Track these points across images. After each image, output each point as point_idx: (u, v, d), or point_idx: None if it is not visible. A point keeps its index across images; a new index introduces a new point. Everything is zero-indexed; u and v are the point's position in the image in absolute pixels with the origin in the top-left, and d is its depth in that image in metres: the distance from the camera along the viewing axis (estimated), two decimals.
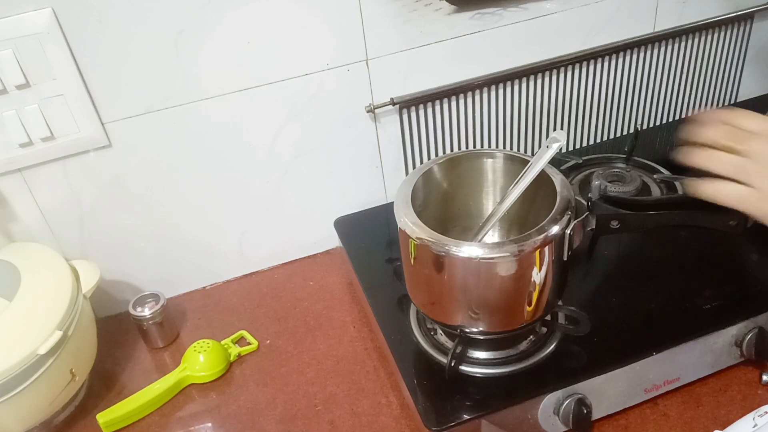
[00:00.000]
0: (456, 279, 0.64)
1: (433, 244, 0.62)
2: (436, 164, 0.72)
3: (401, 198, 0.67)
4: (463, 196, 0.76)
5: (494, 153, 0.74)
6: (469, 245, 0.61)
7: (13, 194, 0.79)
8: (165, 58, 0.77)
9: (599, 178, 0.91)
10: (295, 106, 0.86)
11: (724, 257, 0.80)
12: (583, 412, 0.66)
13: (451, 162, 0.74)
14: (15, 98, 0.73)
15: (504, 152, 0.73)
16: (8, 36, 0.69)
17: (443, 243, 0.62)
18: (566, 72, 0.98)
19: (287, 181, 0.91)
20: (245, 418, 0.76)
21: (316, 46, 0.83)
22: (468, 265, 0.62)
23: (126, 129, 0.80)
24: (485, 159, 0.74)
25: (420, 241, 0.63)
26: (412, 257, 0.66)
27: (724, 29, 1.05)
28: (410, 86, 0.89)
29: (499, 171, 0.74)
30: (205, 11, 0.76)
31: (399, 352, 0.73)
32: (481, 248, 0.61)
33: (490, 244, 0.63)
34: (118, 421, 0.75)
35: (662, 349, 0.68)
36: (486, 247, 0.62)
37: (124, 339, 0.87)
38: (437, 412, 0.65)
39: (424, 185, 0.71)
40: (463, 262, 0.62)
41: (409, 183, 0.69)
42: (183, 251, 0.91)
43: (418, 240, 0.63)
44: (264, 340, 0.85)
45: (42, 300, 0.72)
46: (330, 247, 0.99)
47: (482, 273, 0.63)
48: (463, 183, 0.75)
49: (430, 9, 0.85)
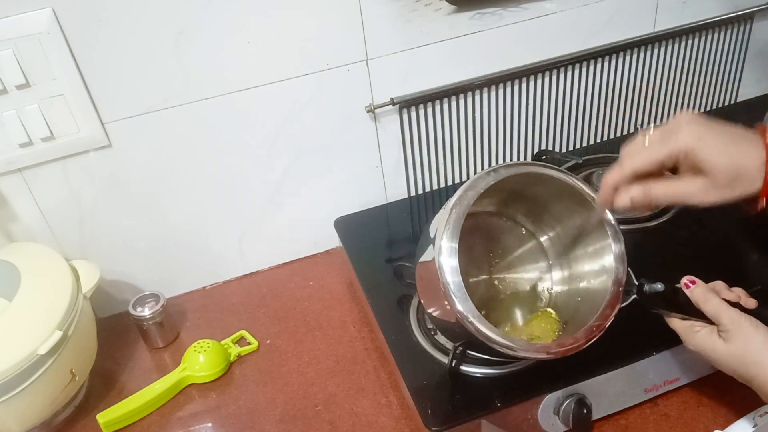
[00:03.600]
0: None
1: (470, 324, 0.59)
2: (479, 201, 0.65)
3: (449, 234, 0.61)
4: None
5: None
6: (509, 341, 0.60)
7: (13, 194, 0.79)
8: (165, 58, 0.77)
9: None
10: (295, 106, 0.86)
11: (724, 257, 0.80)
12: (583, 412, 0.66)
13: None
14: (15, 98, 0.73)
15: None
16: (8, 36, 0.69)
17: (482, 330, 0.59)
18: (566, 72, 0.98)
19: (287, 181, 0.91)
20: (245, 418, 0.76)
21: (316, 46, 0.83)
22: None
23: (126, 129, 0.80)
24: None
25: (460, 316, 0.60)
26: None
27: (724, 29, 1.05)
28: (410, 86, 0.89)
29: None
30: (204, 11, 0.76)
31: (399, 352, 0.73)
32: (521, 348, 0.60)
33: (529, 345, 0.62)
34: (118, 421, 0.75)
35: (662, 349, 0.68)
36: (525, 349, 0.60)
37: (124, 339, 0.87)
38: (437, 412, 0.65)
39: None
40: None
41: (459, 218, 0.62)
42: (183, 251, 0.91)
43: (459, 314, 0.59)
44: (264, 340, 0.85)
45: (42, 300, 0.72)
46: (330, 247, 0.99)
47: None
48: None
49: (430, 9, 0.85)
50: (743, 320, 0.59)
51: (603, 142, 1.07)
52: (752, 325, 0.59)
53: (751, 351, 0.58)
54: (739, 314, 0.59)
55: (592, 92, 1.02)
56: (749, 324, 0.59)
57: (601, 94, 1.03)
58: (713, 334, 0.61)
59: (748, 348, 0.58)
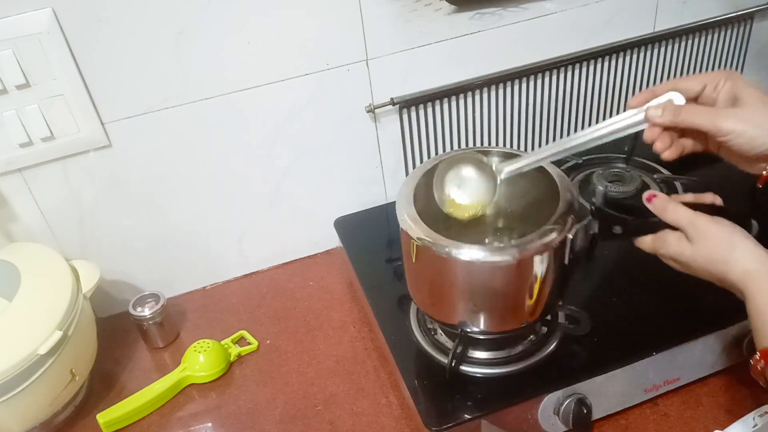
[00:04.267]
0: (457, 280, 0.64)
1: (434, 245, 0.62)
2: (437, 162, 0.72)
3: (403, 197, 0.67)
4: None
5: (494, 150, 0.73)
6: (469, 248, 0.61)
7: (13, 194, 0.79)
8: (165, 58, 0.77)
9: (599, 179, 0.91)
10: (295, 106, 0.86)
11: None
12: (583, 412, 0.66)
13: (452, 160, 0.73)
14: (15, 98, 0.73)
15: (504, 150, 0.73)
16: (8, 36, 0.69)
17: (444, 245, 0.62)
18: (566, 72, 0.98)
19: (287, 181, 0.91)
20: (245, 418, 0.76)
21: (316, 46, 0.83)
22: (469, 267, 0.62)
23: (126, 129, 0.80)
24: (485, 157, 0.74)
25: (421, 242, 0.63)
26: (413, 257, 0.66)
27: (724, 29, 1.05)
28: (410, 86, 0.89)
29: None
30: (204, 11, 0.76)
31: (399, 352, 0.73)
32: (483, 251, 0.61)
33: (491, 247, 0.63)
34: (118, 421, 0.75)
35: (662, 349, 0.68)
36: (487, 250, 0.62)
37: (124, 339, 0.87)
38: (437, 412, 0.65)
39: (425, 184, 0.70)
40: (464, 264, 0.62)
41: (411, 182, 0.69)
42: (183, 251, 0.91)
43: (419, 240, 0.63)
44: (264, 340, 0.85)
45: (42, 300, 0.72)
46: (330, 247, 0.99)
47: (483, 275, 0.63)
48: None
49: (430, 9, 0.85)
50: (702, 220, 0.57)
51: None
52: (714, 224, 0.57)
53: (716, 249, 0.57)
54: (697, 215, 0.58)
55: (592, 92, 1.02)
56: (711, 223, 0.57)
57: (601, 94, 1.03)
58: (681, 240, 0.59)
59: (713, 246, 0.57)
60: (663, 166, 0.95)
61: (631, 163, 0.97)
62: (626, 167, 0.94)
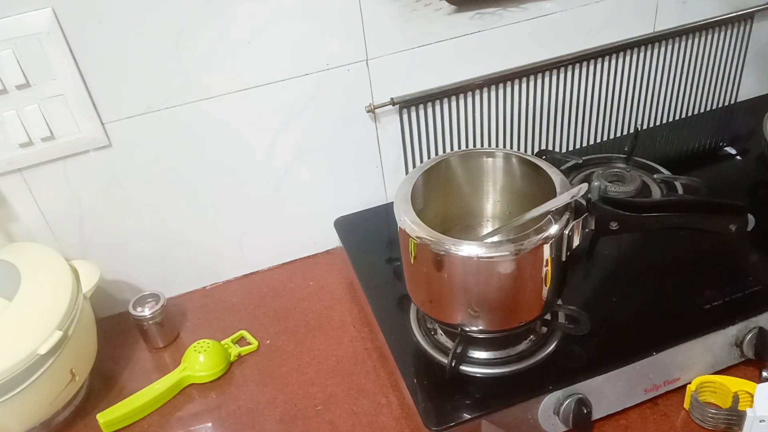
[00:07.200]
0: (455, 277, 0.64)
1: (432, 243, 0.62)
2: (436, 163, 0.73)
3: (401, 197, 0.67)
4: (463, 194, 0.76)
5: (494, 152, 0.74)
6: (468, 244, 0.62)
7: (13, 194, 0.79)
8: (165, 58, 0.77)
9: (599, 179, 0.91)
10: (295, 106, 0.86)
11: (724, 257, 0.80)
12: (583, 412, 0.66)
13: (451, 161, 0.74)
14: (15, 98, 0.73)
15: (504, 151, 0.73)
16: (8, 36, 0.69)
17: (442, 242, 0.62)
18: (566, 72, 0.98)
19: (287, 181, 0.91)
20: (245, 418, 0.76)
21: (316, 46, 0.83)
22: (467, 264, 0.62)
23: (126, 129, 0.80)
24: (485, 158, 0.74)
25: (420, 240, 0.63)
26: (412, 256, 0.66)
27: (724, 29, 1.05)
28: (410, 86, 0.89)
29: (499, 170, 0.74)
30: (205, 11, 0.76)
31: (399, 352, 0.73)
32: (480, 247, 0.62)
33: (489, 244, 0.63)
34: (118, 421, 0.75)
35: (662, 349, 0.68)
36: (485, 247, 0.62)
37: (124, 339, 0.87)
38: (437, 412, 0.65)
39: (424, 184, 0.71)
40: (463, 261, 0.62)
41: (409, 182, 0.69)
42: (183, 251, 0.91)
43: (417, 239, 0.63)
44: (264, 340, 0.85)
45: (42, 300, 0.72)
46: (330, 247, 0.99)
47: (481, 272, 0.63)
48: (464, 182, 0.75)
49: (430, 9, 0.85)
50: None
51: (603, 142, 1.07)
52: None
53: None
54: None
55: (592, 92, 1.02)
56: None
57: (601, 94, 1.03)
58: None
59: None
60: (663, 166, 0.95)
61: (631, 163, 0.97)
62: (626, 167, 0.94)
